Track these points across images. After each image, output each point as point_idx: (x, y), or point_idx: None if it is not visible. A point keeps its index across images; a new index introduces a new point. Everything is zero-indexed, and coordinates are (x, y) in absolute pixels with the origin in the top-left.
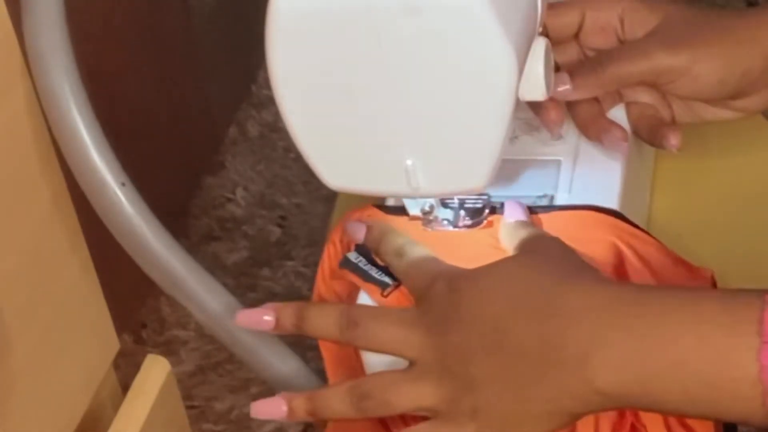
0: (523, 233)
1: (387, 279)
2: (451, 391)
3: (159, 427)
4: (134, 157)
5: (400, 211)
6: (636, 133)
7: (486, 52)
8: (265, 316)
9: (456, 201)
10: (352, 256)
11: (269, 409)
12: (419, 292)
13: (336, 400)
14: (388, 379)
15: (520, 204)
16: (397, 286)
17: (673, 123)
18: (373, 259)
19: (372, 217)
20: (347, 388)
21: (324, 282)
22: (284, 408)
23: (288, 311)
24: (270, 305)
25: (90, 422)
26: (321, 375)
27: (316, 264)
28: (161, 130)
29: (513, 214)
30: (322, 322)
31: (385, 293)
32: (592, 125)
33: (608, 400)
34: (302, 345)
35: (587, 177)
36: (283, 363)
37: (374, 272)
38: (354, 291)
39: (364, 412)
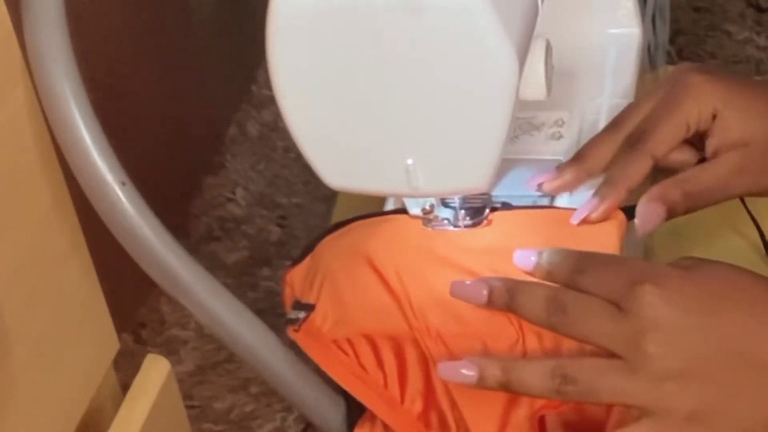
0: None
1: (302, 314)
2: (669, 393)
3: (159, 427)
4: (134, 157)
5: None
6: None
7: (486, 52)
8: (483, 290)
9: (456, 200)
10: (292, 314)
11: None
12: (618, 294)
13: (535, 377)
14: (596, 366)
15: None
16: (305, 318)
17: None
18: (303, 304)
19: (353, 231)
20: (551, 367)
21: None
22: (474, 373)
23: (499, 288)
24: (482, 279)
25: (90, 422)
26: (322, 374)
27: None
28: (161, 130)
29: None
30: (531, 304)
31: (296, 327)
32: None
33: None
34: None
35: None
36: (284, 363)
37: (297, 315)
38: None
39: (564, 396)
